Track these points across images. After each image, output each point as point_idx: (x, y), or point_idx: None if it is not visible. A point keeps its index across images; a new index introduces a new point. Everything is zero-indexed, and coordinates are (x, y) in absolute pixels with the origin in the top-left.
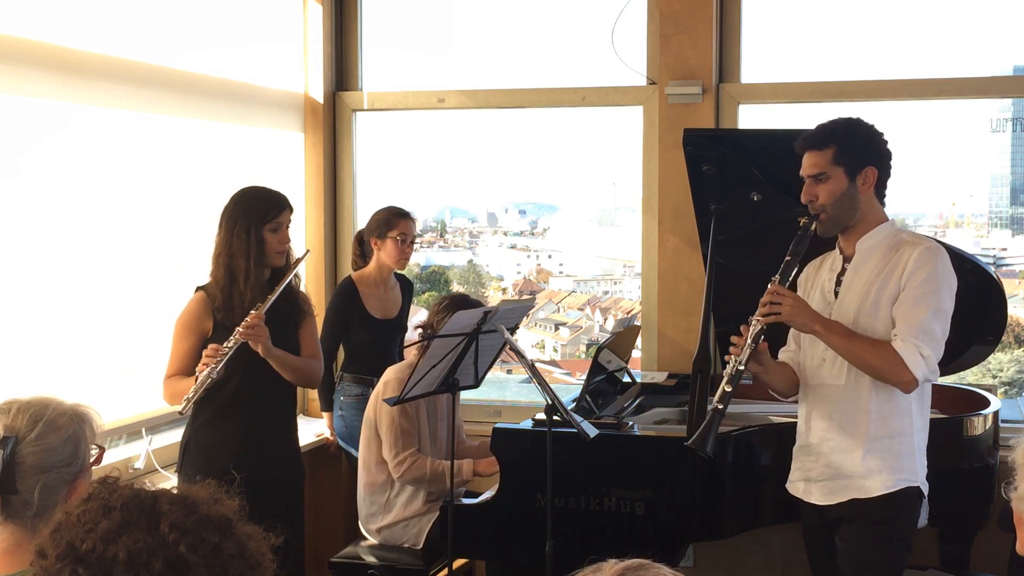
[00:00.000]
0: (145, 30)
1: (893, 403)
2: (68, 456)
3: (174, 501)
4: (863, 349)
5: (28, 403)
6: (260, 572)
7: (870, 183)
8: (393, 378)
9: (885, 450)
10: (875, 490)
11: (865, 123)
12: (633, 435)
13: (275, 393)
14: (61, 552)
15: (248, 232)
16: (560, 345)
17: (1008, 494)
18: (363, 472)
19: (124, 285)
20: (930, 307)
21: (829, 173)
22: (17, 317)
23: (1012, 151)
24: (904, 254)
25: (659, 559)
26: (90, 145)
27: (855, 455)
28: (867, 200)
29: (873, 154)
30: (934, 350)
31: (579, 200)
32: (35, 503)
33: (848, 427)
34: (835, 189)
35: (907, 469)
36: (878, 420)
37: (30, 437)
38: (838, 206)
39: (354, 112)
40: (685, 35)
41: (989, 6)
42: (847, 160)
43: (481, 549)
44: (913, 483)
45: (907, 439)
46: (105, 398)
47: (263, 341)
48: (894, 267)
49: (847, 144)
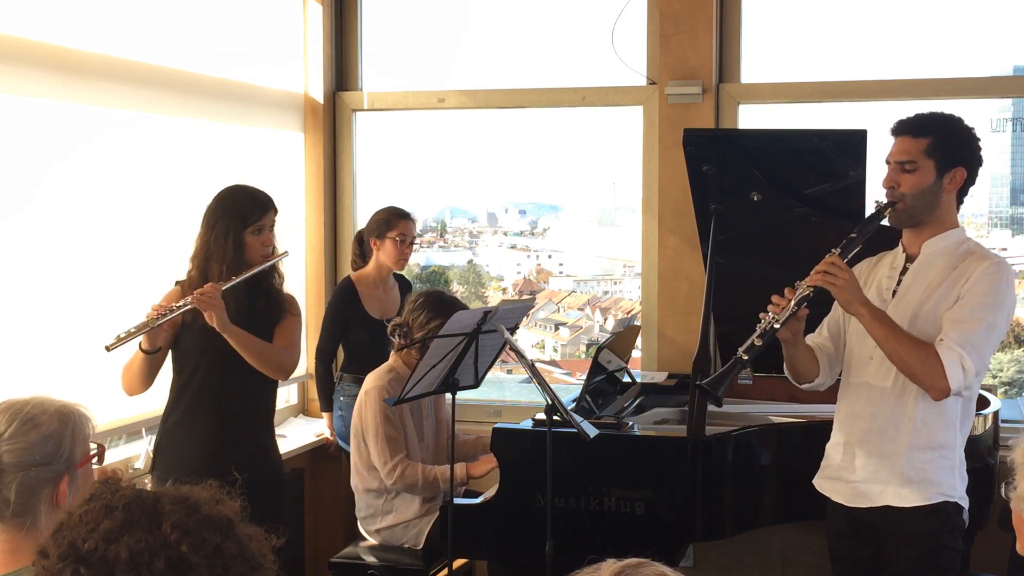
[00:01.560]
0: (145, 30)
1: (938, 414)
2: (49, 454)
3: (176, 501)
4: (903, 345)
5: (12, 402)
6: (261, 573)
7: (956, 184)
8: (374, 386)
9: (926, 462)
10: (912, 501)
11: (966, 124)
12: (633, 435)
13: (244, 390)
14: (63, 552)
15: (227, 235)
16: (560, 345)
17: (1008, 494)
18: (356, 477)
19: (124, 285)
20: (985, 321)
21: (919, 163)
22: (17, 317)
23: (1012, 151)
24: (971, 266)
25: (659, 559)
26: (90, 145)
27: (895, 462)
28: (948, 201)
29: (967, 155)
30: (976, 366)
31: (579, 200)
32: (13, 501)
33: (890, 432)
34: (921, 181)
35: (946, 484)
36: (922, 429)
37: (7, 434)
38: (919, 199)
39: (354, 112)
40: (685, 35)
41: (989, 6)
42: (940, 155)
43: (481, 549)
44: (951, 498)
45: (949, 452)
46: (105, 398)
47: (217, 311)
48: (958, 278)
49: (944, 138)
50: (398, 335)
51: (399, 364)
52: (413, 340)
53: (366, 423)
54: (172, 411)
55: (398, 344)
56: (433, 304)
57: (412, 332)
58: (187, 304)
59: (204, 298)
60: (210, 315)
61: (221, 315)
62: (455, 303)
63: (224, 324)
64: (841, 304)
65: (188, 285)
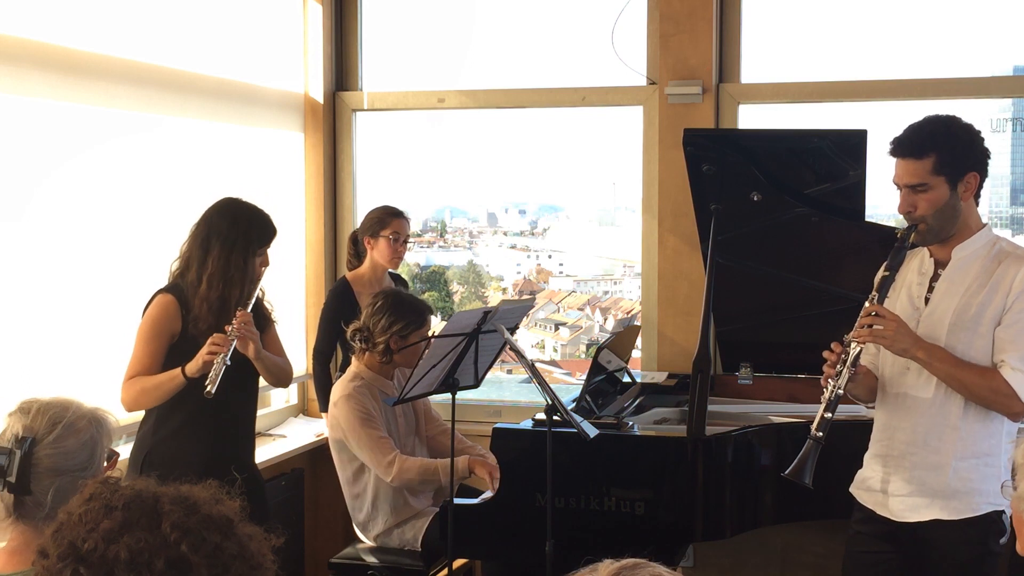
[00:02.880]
0: (145, 30)
1: (983, 423)
2: (84, 460)
3: (175, 501)
4: (970, 378)
5: (48, 404)
6: (261, 573)
7: (972, 189)
8: (342, 395)
9: (972, 470)
10: (961, 512)
11: (963, 123)
12: (633, 435)
13: (244, 398)
14: (63, 552)
15: (245, 259)
16: (560, 345)
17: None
18: (344, 486)
19: (124, 285)
20: None
21: (930, 184)
22: (17, 317)
23: (1012, 151)
24: (1010, 269)
25: (659, 559)
26: (90, 145)
27: (942, 473)
28: (968, 206)
29: (975, 158)
30: None
31: (579, 200)
32: (48, 505)
33: (933, 443)
34: (936, 199)
35: (993, 492)
36: (967, 439)
37: (48, 439)
38: (940, 217)
39: (354, 112)
40: (685, 35)
41: (989, 6)
42: (949, 169)
43: (481, 549)
44: (998, 507)
45: (994, 460)
46: (105, 398)
47: (255, 341)
48: (998, 282)
49: (949, 151)
50: (359, 339)
51: (362, 369)
52: (410, 343)
53: (346, 434)
54: (166, 420)
55: (358, 348)
56: (392, 306)
57: (373, 336)
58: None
59: (246, 330)
60: (245, 344)
61: (258, 344)
62: (414, 303)
63: (259, 352)
64: (897, 354)
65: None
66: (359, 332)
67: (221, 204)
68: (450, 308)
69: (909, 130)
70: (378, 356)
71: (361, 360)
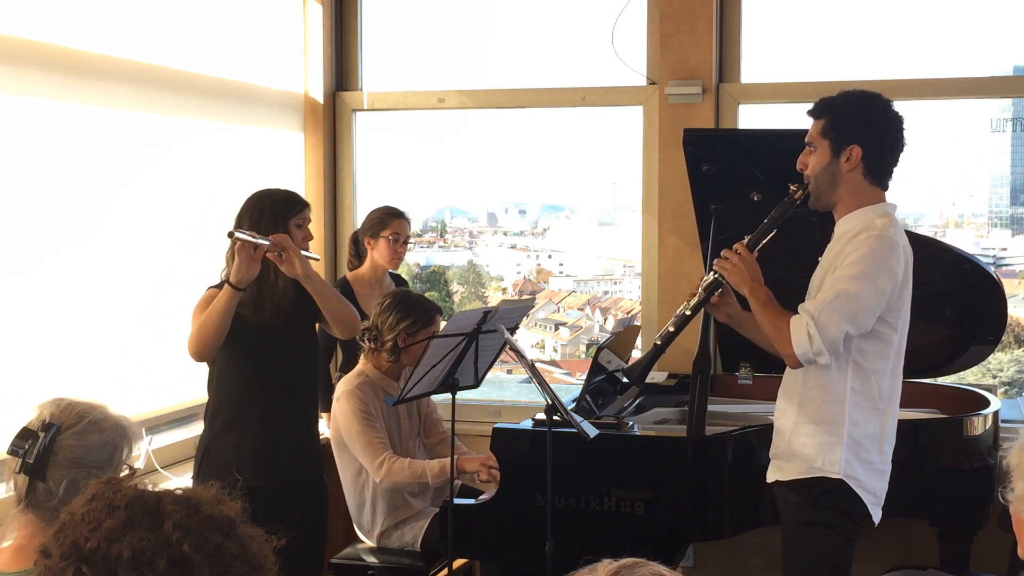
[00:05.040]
0: (145, 30)
1: (822, 391)
2: (102, 460)
3: (177, 501)
4: (767, 317)
5: (78, 401)
6: (263, 574)
7: (853, 162)
8: (344, 391)
9: (809, 435)
10: (790, 474)
11: (868, 98)
12: (633, 435)
13: (293, 387)
14: (66, 551)
15: (276, 226)
16: (560, 345)
17: (1006, 497)
18: (345, 487)
19: (124, 285)
20: (838, 290)
21: (815, 144)
22: (17, 317)
23: (1012, 151)
24: (850, 243)
25: (659, 559)
26: (90, 145)
27: (782, 438)
28: (852, 180)
29: (862, 132)
30: (823, 333)
31: (579, 200)
32: (58, 496)
33: (782, 408)
34: (819, 161)
35: (828, 460)
36: (807, 406)
37: (73, 430)
38: (819, 180)
39: (354, 112)
40: (685, 35)
41: (989, 6)
42: (833, 134)
43: (481, 549)
44: (831, 475)
45: (835, 428)
46: (105, 398)
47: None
48: (838, 254)
49: (835, 117)
50: (367, 339)
51: (369, 368)
52: (411, 342)
53: (345, 431)
54: (218, 413)
55: (367, 348)
56: (399, 305)
57: (382, 335)
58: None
59: (283, 240)
60: (291, 261)
61: (304, 261)
62: (422, 302)
63: (307, 267)
64: (733, 287)
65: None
66: (368, 332)
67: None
68: (450, 308)
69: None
70: (386, 355)
71: (369, 360)
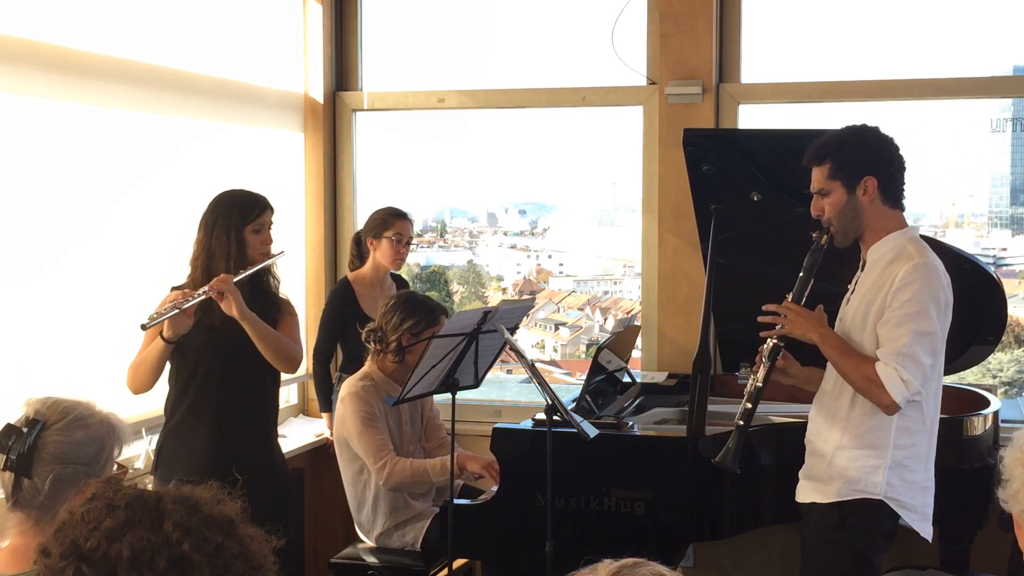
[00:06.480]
0: (145, 30)
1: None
2: (89, 456)
3: (177, 501)
4: (849, 365)
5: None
6: (263, 573)
7: (871, 193)
8: (349, 393)
9: (852, 460)
10: (830, 496)
11: (862, 132)
12: (633, 435)
13: (246, 388)
14: (65, 550)
15: (228, 234)
16: (560, 345)
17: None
18: (346, 487)
19: (123, 285)
20: (911, 330)
21: (828, 188)
22: (17, 317)
23: (1012, 151)
24: (896, 269)
25: (659, 559)
26: (89, 145)
27: (823, 460)
28: (872, 209)
29: (871, 163)
30: (914, 374)
31: (579, 200)
32: (44, 493)
33: (824, 433)
34: (836, 203)
35: (870, 483)
36: (851, 431)
37: (57, 426)
38: (842, 219)
39: (354, 112)
40: (685, 35)
41: (989, 6)
42: (843, 174)
43: (481, 549)
44: (872, 496)
45: (880, 453)
46: (105, 398)
47: (235, 297)
48: (884, 281)
49: (840, 158)
50: (373, 340)
51: (374, 370)
52: (413, 341)
53: (349, 431)
54: (174, 411)
55: (373, 349)
56: (404, 305)
57: (387, 336)
58: (205, 293)
59: (221, 284)
60: (228, 303)
61: (239, 301)
62: (427, 303)
63: (243, 310)
64: (800, 339)
65: (192, 287)
66: (373, 333)
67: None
68: (450, 308)
69: (814, 144)
70: (391, 356)
71: (375, 361)
